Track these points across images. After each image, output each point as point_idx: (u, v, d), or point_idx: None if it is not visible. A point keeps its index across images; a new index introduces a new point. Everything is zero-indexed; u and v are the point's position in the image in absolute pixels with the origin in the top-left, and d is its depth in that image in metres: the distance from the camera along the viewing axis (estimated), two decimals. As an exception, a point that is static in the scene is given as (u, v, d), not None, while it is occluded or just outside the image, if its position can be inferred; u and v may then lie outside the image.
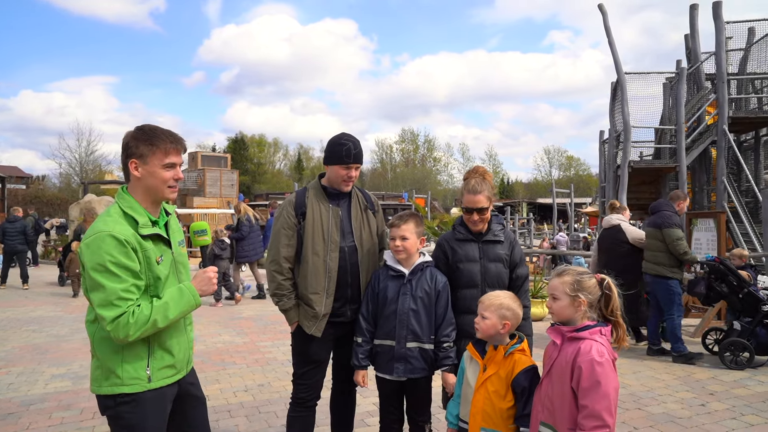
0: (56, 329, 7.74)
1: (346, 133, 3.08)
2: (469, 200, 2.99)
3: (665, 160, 11.35)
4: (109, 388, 2.13)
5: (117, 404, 2.13)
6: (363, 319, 3.00)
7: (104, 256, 2.02)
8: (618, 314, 2.22)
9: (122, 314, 2.02)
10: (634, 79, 11.89)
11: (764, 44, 11.38)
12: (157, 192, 2.22)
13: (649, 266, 6.25)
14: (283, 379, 5.29)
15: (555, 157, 72.59)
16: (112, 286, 2.02)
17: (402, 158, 74.46)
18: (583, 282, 2.22)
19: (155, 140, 2.16)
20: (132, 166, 2.18)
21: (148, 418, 2.16)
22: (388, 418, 3.08)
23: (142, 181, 2.19)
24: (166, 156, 2.18)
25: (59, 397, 4.81)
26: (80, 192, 30.17)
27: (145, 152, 2.16)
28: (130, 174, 2.19)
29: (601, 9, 11.53)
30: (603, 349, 2.10)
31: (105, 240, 2.03)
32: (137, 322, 2.04)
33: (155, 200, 2.25)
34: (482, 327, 2.49)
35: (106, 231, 2.05)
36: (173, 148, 2.20)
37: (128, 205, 2.17)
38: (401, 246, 2.93)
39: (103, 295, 2.02)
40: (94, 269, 2.03)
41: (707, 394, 4.90)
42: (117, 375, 2.12)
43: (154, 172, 2.17)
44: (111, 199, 22.31)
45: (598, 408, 2.02)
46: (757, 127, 11.79)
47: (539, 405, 2.26)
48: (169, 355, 2.23)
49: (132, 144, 2.17)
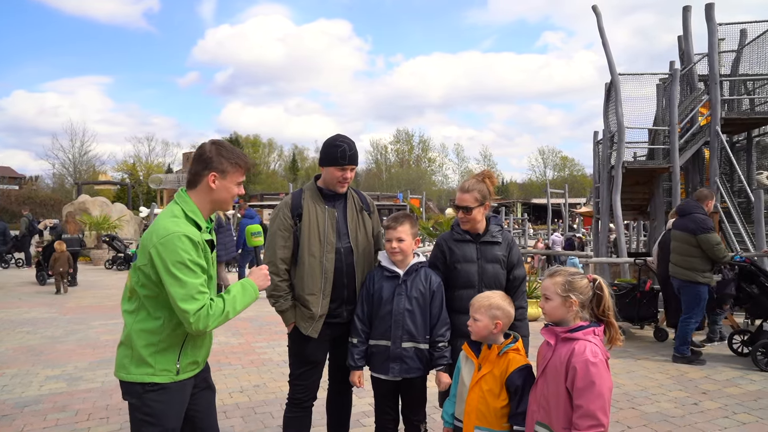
0: (51, 331, 7.71)
1: (341, 135, 3.08)
2: (458, 198, 3.08)
3: (659, 161, 11.40)
4: (140, 376, 2.26)
5: (145, 391, 2.27)
6: (358, 319, 3.01)
7: (182, 254, 2.17)
8: (609, 314, 2.24)
9: (202, 307, 2.20)
10: (628, 80, 11.94)
11: (756, 46, 11.44)
12: (223, 204, 2.43)
13: (680, 271, 6.06)
14: (278, 379, 5.30)
15: (549, 158, 72.92)
16: (192, 282, 2.18)
17: (397, 159, 74.53)
18: (575, 282, 2.23)
19: (238, 161, 2.39)
20: (211, 178, 2.35)
21: (171, 407, 2.32)
22: (384, 418, 3.10)
23: (214, 192, 2.37)
24: (242, 175, 2.43)
25: (54, 399, 4.80)
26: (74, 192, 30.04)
27: (228, 169, 2.37)
28: (205, 183, 2.36)
29: (595, 10, 11.58)
30: (597, 350, 2.12)
31: (181, 239, 2.19)
32: (214, 314, 2.23)
33: (214, 209, 2.44)
34: (475, 329, 2.51)
35: (180, 231, 2.20)
36: (248, 168, 2.46)
37: (191, 210, 2.34)
38: (398, 247, 2.95)
39: (185, 290, 2.17)
40: (174, 266, 2.16)
41: (700, 393, 4.94)
42: (149, 364, 2.26)
43: (229, 188, 2.39)
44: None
45: (592, 408, 2.04)
46: (749, 128, 11.86)
47: (535, 405, 2.28)
48: (196, 351, 2.40)
49: (216, 159, 2.36)
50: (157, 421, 2.28)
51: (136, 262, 2.27)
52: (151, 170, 51.69)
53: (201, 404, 2.53)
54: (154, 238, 2.21)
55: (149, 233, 2.26)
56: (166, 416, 2.30)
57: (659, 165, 11.17)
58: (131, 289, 2.30)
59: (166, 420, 2.30)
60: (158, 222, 2.28)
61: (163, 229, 2.21)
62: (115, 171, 54.50)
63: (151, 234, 2.24)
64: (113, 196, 36.49)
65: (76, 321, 8.45)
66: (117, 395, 4.87)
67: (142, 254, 2.25)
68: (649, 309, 7.26)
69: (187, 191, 2.39)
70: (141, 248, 2.27)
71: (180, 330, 2.29)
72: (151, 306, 2.26)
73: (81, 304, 10.05)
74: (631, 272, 10.40)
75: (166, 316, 2.26)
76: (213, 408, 2.63)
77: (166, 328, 2.26)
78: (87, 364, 5.95)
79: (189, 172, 2.44)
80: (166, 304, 2.24)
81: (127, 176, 52.00)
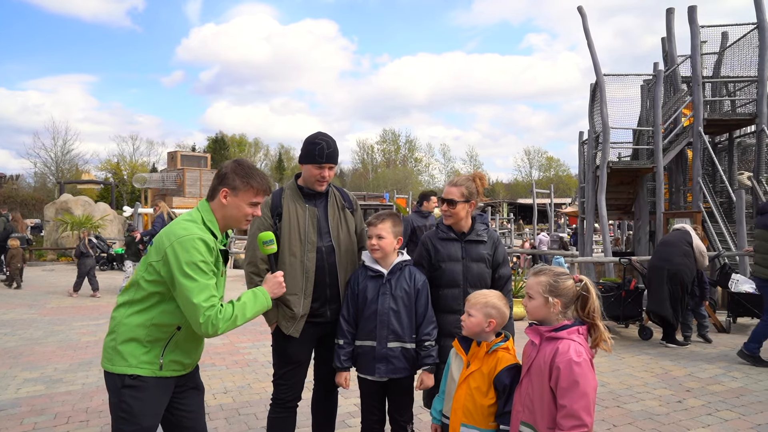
0: (30, 332, 7.57)
1: (322, 132, 3.04)
2: (445, 190, 3.09)
3: (643, 161, 11.51)
4: (121, 367, 2.28)
5: (123, 386, 2.28)
6: (344, 320, 2.97)
7: (197, 255, 2.23)
8: (595, 316, 2.20)
9: (212, 307, 2.23)
10: (613, 81, 12.03)
11: (737, 48, 11.61)
12: (234, 222, 2.46)
13: (760, 270, 6.02)
14: (263, 380, 5.24)
15: (535, 158, 73.25)
16: (205, 282, 2.23)
17: (383, 159, 74.52)
18: (559, 284, 2.21)
19: (251, 180, 2.41)
20: (222, 194, 2.41)
21: (148, 405, 2.31)
22: (370, 418, 3.07)
23: (226, 209, 2.42)
24: (255, 196, 2.44)
25: (32, 402, 4.70)
26: (56, 192, 29.62)
27: (239, 186, 2.40)
28: (218, 198, 2.42)
29: (580, 11, 11.66)
30: (581, 349, 2.11)
31: (197, 242, 2.25)
32: (224, 317, 2.27)
33: (227, 225, 2.47)
34: (467, 324, 2.48)
35: (197, 234, 2.27)
36: (263, 190, 2.46)
37: (209, 219, 2.40)
38: (377, 245, 2.92)
39: (197, 290, 2.21)
40: (188, 266, 2.21)
41: (684, 390, 4.98)
42: (134, 356, 2.28)
43: (239, 206, 2.42)
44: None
45: (576, 407, 2.02)
46: (730, 129, 12.02)
47: (520, 405, 2.26)
48: (181, 353, 2.40)
49: (230, 175, 2.41)
50: (133, 419, 2.28)
51: (148, 258, 2.33)
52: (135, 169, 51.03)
53: (188, 404, 2.52)
54: (172, 237, 2.26)
55: (166, 232, 2.31)
56: (142, 414, 2.29)
57: (643, 165, 11.27)
58: (134, 282, 2.35)
59: (142, 417, 2.29)
60: (177, 222, 2.35)
61: (182, 230, 2.28)
62: (99, 170, 53.74)
63: (168, 233, 2.29)
64: (97, 196, 36.03)
65: (57, 322, 8.31)
66: (97, 397, 4.78)
67: (156, 251, 2.30)
68: (634, 308, 7.32)
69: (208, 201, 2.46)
70: (156, 245, 2.32)
71: (167, 329, 2.32)
72: (151, 301, 2.30)
73: (61, 305, 9.89)
74: (615, 271, 10.48)
75: (158, 312, 2.30)
76: (201, 408, 2.62)
77: (155, 324, 2.30)
78: (67, 365, 5.84)
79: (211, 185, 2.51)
80: (164, 302, 2.30)
81: (110, 175, 51.37)
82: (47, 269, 16.97)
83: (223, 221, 2.44)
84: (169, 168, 28.91)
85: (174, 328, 2.34)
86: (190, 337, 2.40)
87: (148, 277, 2.30)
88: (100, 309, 9.50)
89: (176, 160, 29.31)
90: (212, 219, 2.40)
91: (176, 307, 2.29)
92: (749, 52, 11.17)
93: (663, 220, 10.68)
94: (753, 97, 11.15)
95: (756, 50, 10.84)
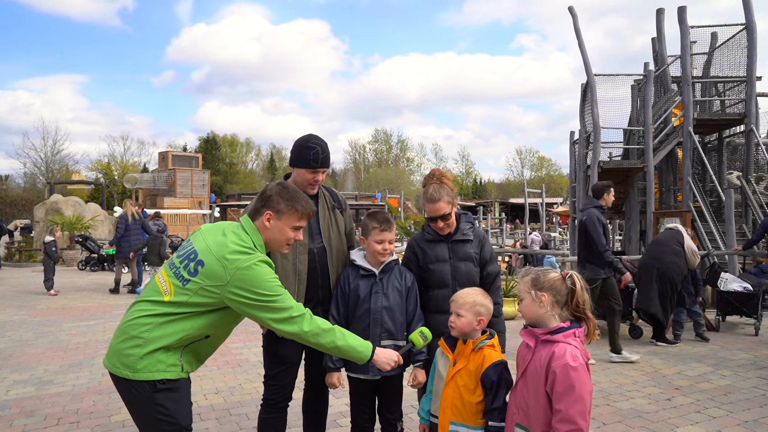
0: (20, 333, 7.51)
1: (314, 136, 3.02)
2: (430, 209, 3.00)
3: (634, 161, 11.58)
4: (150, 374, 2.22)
5: (156, 390, 2.24)
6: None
7: (268, 277, 2.25)
8: (585, 308, 2.21)
9: (303, 310, 2.30)
10: (603, 81, 12.10)
11: (726, 49, 11.70)
12: (275, 245, 2.44)
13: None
14: (254, 380, 5.23)
15: (527, 158, 73.54)
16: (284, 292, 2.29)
17: (375, 158, 74.50)
18: (541, 277, 2.22)
19: (296, 204, 2.40)
20: (266, 217, 2.39)
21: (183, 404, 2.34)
22: (361, 417, 3.07)
23: (269, 231, 2.40)
24: (299, 220, 2.43)
25: (21, 404, 4.67)
26: (46, 192, 29.38)
27: (283, 210, 2.39)
28: (261, 221, 2.39)
29: (571, 11, 11.72)
30: (577, 353, 2.10)
31: (264, 266, 2.26)
32: (317, 324, 2.31)
33: (269, 248, 2.45)
34: (458, 325, 2.49)
35: (261, 259, 2.27)
36: (306, 214, 2.44)
37: (259, 243, 2.37)
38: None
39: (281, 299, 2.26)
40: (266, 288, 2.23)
41: (673, 388, 5.02)
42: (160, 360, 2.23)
43: (282, 229, 2.40)
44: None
45: (572, 412, 2.02)
46: (720, 128, 12.12)
47: (514, 407, 2.26)
48: (194, 356, 2.41)
49: (275, 198, 2.39)
50: (174, 420, 2.29)
51: (197, 279, 2.21)
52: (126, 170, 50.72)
53: None
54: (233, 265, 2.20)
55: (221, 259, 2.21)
56: (180, 414, 2.31)
57: (634, 165, 11.34)
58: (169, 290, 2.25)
59: (181, 418, 2.31)
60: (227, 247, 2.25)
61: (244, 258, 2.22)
62: (89, 170, 53.42)
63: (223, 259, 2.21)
64: (87, 196, 35.80)
65: (47, 323, 8.25)
66: (88, 399, 4.76)
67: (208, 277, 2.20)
68: (624, 307, 7.36)
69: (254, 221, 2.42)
70: (208, 267, 2.21)
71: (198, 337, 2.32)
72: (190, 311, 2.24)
73: (52, 306, 9.82)
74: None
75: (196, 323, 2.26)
76: None
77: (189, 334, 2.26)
78: (58, 367, 5.81)
79: (253, 206, 2.50)
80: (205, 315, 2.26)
81: (101, 176, 51.05)
82: (37, 270, 16.82)
83: (266, 244, 2.42)
84: (161, 168, 28.77)
85: (203, 337, 2.34)
86: (211, 344, 2.45)
87: (197, 299, 2.22)
88: (90, 310, 9.45)
89: (167, 160, 29.18)
90: (261, 242, 2.37)
91: (217, 319, 2.29)
92: (738, 52, 11.27)
93: (653, 219, 10.75)
94: (742, 97, 11.26)
95: (745, 51, 10.95)
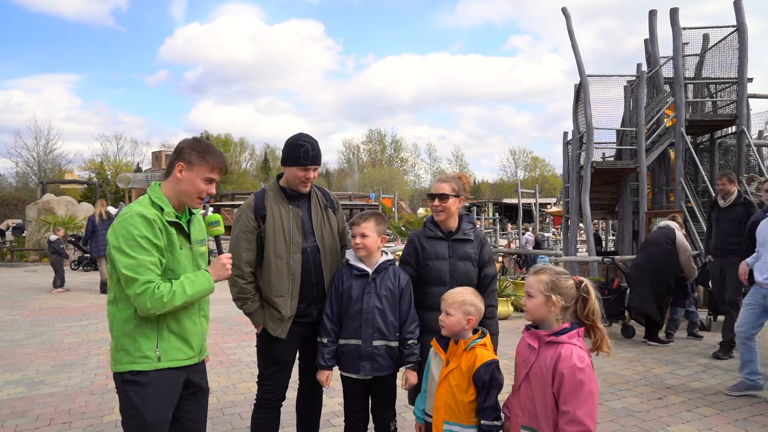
0: (11, 334, 7.47)
1: (304, 134, 3.03)
2: (434, 187, 3.09)
3: (626, 161, 11.62)
4: (122, 365, 2.30)
5: (124, 382, 2.29)
6: (327, 319, 2.98)
7: (133, 231, 2.22)
8: (594, 318, 2.20)
9: (149, 283, 2.21)
10: (596, 82, 12.13)
11: (718, 51, 11.77)
12: (187, 197, 2.43)
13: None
14: (248, 380, 5.23)
15: (521, 158, 73.72)
16: (141, 258, 2.22)
17: (369, 159, 74.47)
18: (560, 282, 2.19)
19: (206, 155, 2.41)
20: (177, 168, 2.40)
21: (150, 399, 2.29)
22: (354, 417, 3.08)
23: (180, 183, 2.41)
24: (210, 171, 2.42)
25: (13, 404, 4.64)
26: (38, 191, 29.17)
27: (194, 161, 2.39)
28: (173, 174, 2.41)
29: (564, 12, 11.75)
30: (583, 354, 2.11)
31: (134, 218, 2.25)
32: (161, 295, 2.22)
33: (183, 203, 2.45)
34: (447, 324, 2.50)
35: (134, 211, 2.27)
36: (218, 167, 2.44)
37: (157, 196, 2.39)
38: (361, 243, 2.94)
39: (134, 265, 2.20)
40: (125, 242, 2.22)
41: (665, 388, 5.05)
42: (129, 353, 2.29)
43: (193, 181, 2.40)
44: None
45: (579, 413, 2.03)
46: (712, 129, 12.18)
47: (519, 409, 2.26)
48: (179, 340, 2.38)
49: (186, 150, 2.41)
50: (137, 413, 2.27)
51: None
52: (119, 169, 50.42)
53: (191, 408, 2.52)
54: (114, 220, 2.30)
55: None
56: (145, 408, 2.27)
57: (627, 165, 11.39)
58: (111, 278, 2.35)
59: (146, 412, 2.27)
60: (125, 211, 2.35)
61: (122, 212, 2.32)
62: (82, 170, 53.08)
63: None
64: (80, 196, 35.58)
65: (39, 323, 8.21)
66: (80, 399, 4.73)
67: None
68: (617, 306, 7.41)
69: (161, 183, 2.45)
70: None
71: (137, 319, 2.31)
72: (123, 292, 2.29)
73: (44, 306, 9.77)
74: (599, 270, 10.59)
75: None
76: (203, 412, 2.61)
77: (137, 315, 2.29)
78: (50, 367, 5.78)
79: (168, 161, 2.50)
80: None
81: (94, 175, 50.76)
82: (29, 270, 16.75)
83: (177, 197, 2.42)
84: (154, 168, 28.66)
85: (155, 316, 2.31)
86: (182, 322, 2.39)
87: (110, 270, 2.32)
88: (83, 310, 9.40)
89: (161, 159, 29.10)
90: (160, 195, 2.39)
91: None
92: (730, 54, 11.34)
93: (646, 219, 10.81)
94: (733, 98, 11.33)
95: (736, 52, 11.02)
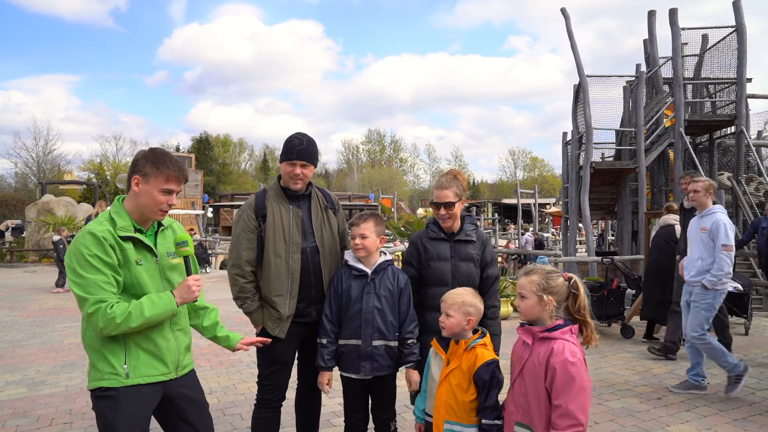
0: (11, 334, 7.47)
1: (300, 132, 3.08)
2: (436, 195, 3.06)
3: (625, 162, 11.65)
4: (92, 382, 2.28)
5: (96, 398, 2.27)
6: (327, 319, 2.99)
7: (82, 250, 2.19)
8: (585, 313, 2.23)
9: (101, 303, 2.16)
10: (596, 82, 12.16)
11: (716, 51, 11.80)
12: (147, 210, 2.36)
13: None
14: (248, 380, 5.24)
15: (520, 158, 73.76)
16: (91, 277, 2.17)
17: (368, 159, 74.48)
18: (550, 281, 2.22)
19: (161, 166, 2.32)
20: (134, 181, 2.34)
21: (120, 416, 2.23)
22: (354, 417, 3.08)
23: (138, 197, 2.34)
24: (167, 182, 2.33)
25: (14, 405, 4.65)
26: (37, 192, 29.15)
27: (150, 173, 2.31)
28: (131, 187, 2.35)
29: (563, 13, 11.78)
30: (575, 349, 2.13)
31: (85, 237, 2.22)
32: (113, 316, 2.15)
33: (143, 217, 2.38)
34: (448, 325, 2.51)
35: (86, 229, 2.24)
36: (175, 177, 2.34)
37: (116, 211, 2.35)
38: (360, 244, 2.95)
39: (85, 285, 2.17)
40: (77, 262, 2.19)
41: (664, 388, 5.06)
42: (98, 369, 2.26)
43: (150, 193, 2.32)
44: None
45: (571, 407, 2.05)
46: (711, 130, 12.21)
47: (512, 406, 2.27)
48: (149, 356, 2.32)
49: (141, 162, 2.34)
50: (109, 429, 2.22)
51: None
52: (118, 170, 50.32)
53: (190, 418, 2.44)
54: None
55: None
56: (116, 422, 2.21)
57: (626, 165, 11.41)
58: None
59: (117, 428, 2.21)
60: None
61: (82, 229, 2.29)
62: (82, 170, 52.99)
63: None
64: (79, 196, 35.55)
65: (39, 324, 8.21)
66: (81, 399, 4.74)
67: None
68: (616, 307, 7.42)
69: (122, 198, 2.42)
70: None
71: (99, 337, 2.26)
72: None
73: (44, 307, 9.77)
74: (598, 271, 10.60)
75: None
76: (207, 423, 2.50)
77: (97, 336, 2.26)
78: (50, 368, 5.78)
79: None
80: None
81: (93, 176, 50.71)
82: (29, 271, 16.74)
83: (138, 211, 2.35)
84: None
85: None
86: (152, 339, 2.31)
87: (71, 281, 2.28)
88: (83, 310, 9.40)
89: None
90: (119, 210, 2.34)
91: None
92: (728, 54, 11.37)
93: (645, 219, 10.82)
94: (732, 98, 11.35)
95: (735, 53, 11.04)
